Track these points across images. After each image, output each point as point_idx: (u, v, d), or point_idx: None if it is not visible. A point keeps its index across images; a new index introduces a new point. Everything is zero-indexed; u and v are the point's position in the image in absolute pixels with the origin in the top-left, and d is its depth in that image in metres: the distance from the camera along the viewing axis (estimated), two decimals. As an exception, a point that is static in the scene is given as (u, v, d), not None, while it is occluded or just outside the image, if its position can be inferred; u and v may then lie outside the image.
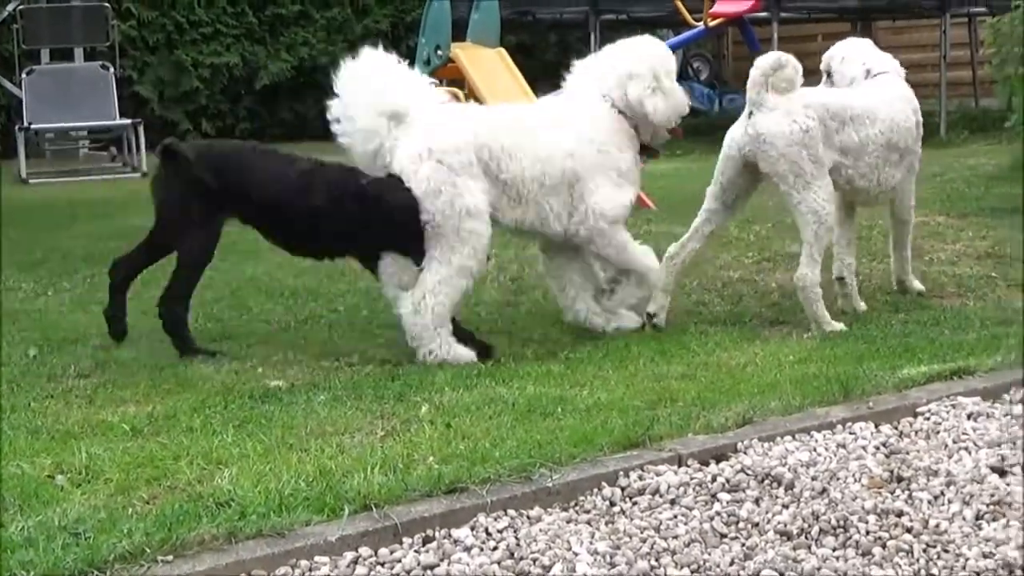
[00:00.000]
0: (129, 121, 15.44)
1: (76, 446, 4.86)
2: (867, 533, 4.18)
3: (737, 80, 21.59)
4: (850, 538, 4.15)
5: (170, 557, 3.90)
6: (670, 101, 6.85)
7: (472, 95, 15.06)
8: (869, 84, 7.20)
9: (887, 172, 7.00)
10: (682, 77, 21.21)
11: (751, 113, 6.67)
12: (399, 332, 6.61)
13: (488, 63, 15.67)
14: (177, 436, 5.04)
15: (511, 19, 16.93)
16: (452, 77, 15.51)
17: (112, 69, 15.88)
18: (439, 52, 15.00)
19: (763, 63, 6.69)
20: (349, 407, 5.42)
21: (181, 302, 6.47)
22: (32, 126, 15.14)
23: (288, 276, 8.13)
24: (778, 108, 6.64)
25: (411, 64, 6.92)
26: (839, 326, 6.68)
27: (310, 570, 3.97)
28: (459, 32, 15.70)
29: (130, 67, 17.90)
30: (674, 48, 14.19)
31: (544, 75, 19.44)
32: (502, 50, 15.89)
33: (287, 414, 5.33)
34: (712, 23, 12.66)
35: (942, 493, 4.50)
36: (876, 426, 5.21)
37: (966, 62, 18.11)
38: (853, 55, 7.38)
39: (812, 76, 7.16)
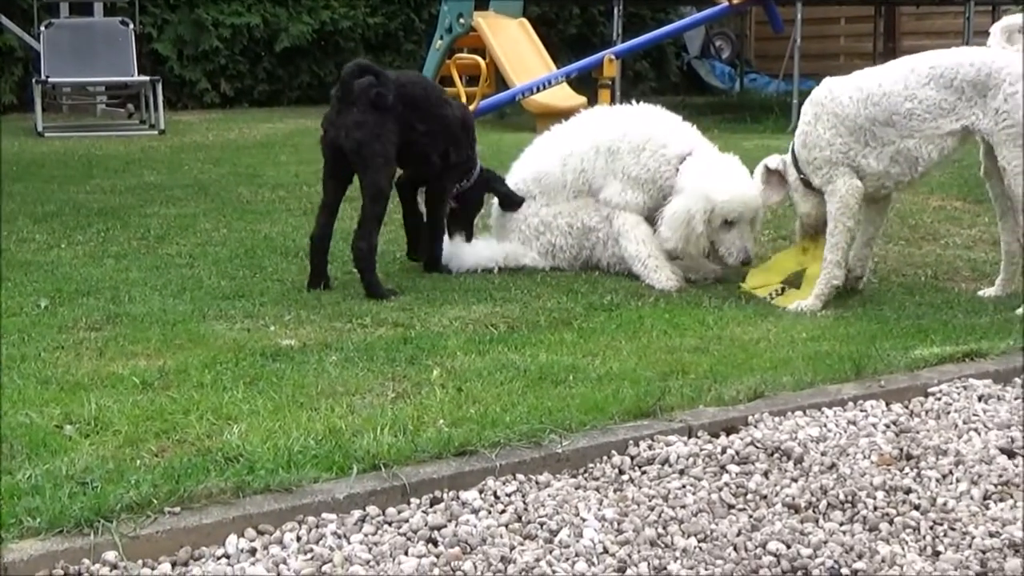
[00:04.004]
0: (147, 78, 15.42)
1: (85, 397, 4.86)
2: (875, 509, 4.17)
3: (759, 60, 21.65)
4: (857, 513, 4.14)
5: (177, 509, 3.90)
6: None
7: (493, 64, 15.08)
8: None
9: None
10: (703, 55, 21.50)
11: None
12: (411, 296, 6.62)
13: (510, 33, 15.66)
14: (187, 391, 5.03)
15: (534, -10, 16.91)
16: (473, 46, 15.53)
17: (132, 25, 15.85)
18: (461, 20, 14.98)
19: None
20: (360, 368, 5.41)
21: None
22: (49, 80, 15.12)
23: (303, 237, 8.10)
24: None
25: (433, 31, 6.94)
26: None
27: (317, 526, 3.97)
28: (482, 2, 15.70)
29: (149, 24, 17.88)
30: (696, 24, 14.23)
31: (565, 47, 19.54)
32: (524, 21, 15.89)
33: (298, 373, 5.32)
34: (736, 1, 12.57)
35: (950, 472, 4.49)
36: (887, 404, 5.21)
37: (989, 50, 18.00)
38: None
39: (830, 59, 7.08)
